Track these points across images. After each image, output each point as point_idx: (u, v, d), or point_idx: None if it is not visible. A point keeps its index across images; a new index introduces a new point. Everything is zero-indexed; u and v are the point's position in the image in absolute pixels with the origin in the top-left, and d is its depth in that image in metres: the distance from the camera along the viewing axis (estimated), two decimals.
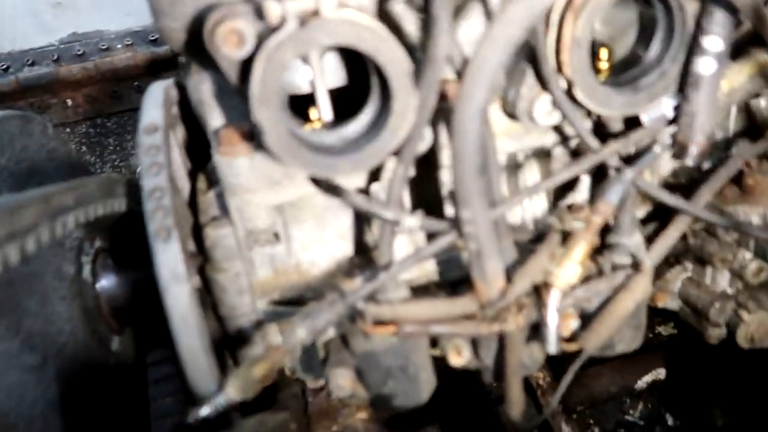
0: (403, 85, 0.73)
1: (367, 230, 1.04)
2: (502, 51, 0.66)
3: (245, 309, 1.03)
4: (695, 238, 1.01)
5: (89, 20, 1.86)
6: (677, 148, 0.80)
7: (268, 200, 0.95)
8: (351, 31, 0.68)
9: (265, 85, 0.70)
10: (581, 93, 0.78)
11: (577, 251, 0.84)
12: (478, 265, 0.80)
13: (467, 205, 0.76)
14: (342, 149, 0.79)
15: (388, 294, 0.88)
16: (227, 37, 0.71)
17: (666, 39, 0.80)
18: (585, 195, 1.08)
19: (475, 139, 0.72)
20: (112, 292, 1.16)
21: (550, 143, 0.99)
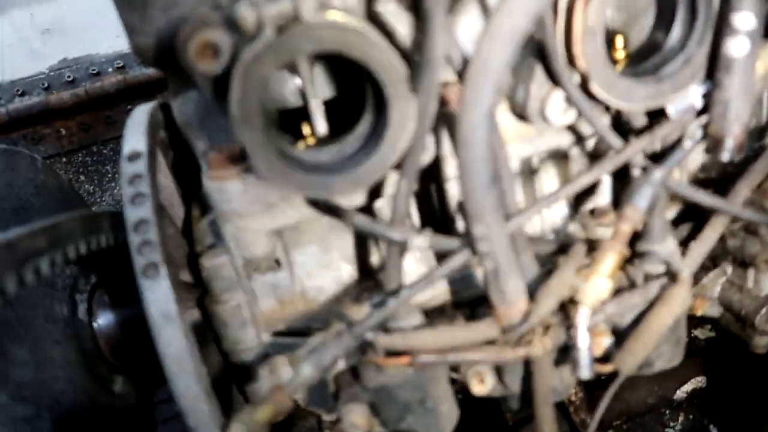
0: (398, 92, 0.65)
1: (375, 249, 0.97)
2: (507, 46, 0.59)
3: (249, 342, 0.96)
4: (734, 238, 0.92)
5: (79, 44, 1.82)
6: (710, 141, 0.72)
7: (265, 225, 0.88)
8: (336, 36, 0.61)
9: (246, 101, 0.63)
10: (599, 87, 0.70)
11: (605, 264, 0.76)
12: (496, 285, 0.72)
13: (480, 221, 0.68)
14: (338, 167, 0.72)
15: (399, 322, 0.81)
16: (201, 50, 0.64)
17: (689, 20, 0.72)
18: (607, 197, 1.00)
19: (483, 148, 0.64)
20: (111, 330, 1.10)
21: (566, 144, 0.91)
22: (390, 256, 0.79)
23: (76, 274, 1.06)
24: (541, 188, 0.95)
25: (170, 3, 0.70)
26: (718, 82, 0.69)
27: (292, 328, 0.97)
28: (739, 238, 0.92)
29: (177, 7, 0.70)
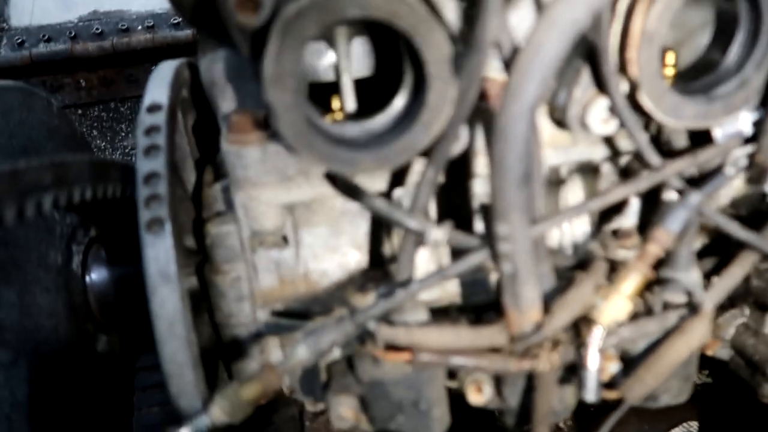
0: (441, 72, 0.62)
1: (386, 240, 0.93)
2: (563, 37, 0.56)
3: (244, 318, 0.93)
4: (759, 279, 0.88)
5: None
6: (755, 171, 0.69)
7: (278, 198, 0.85)
8: (385, 3, 0.58)
9: (281, 60, 0.60)
10: (648, 98, 0.67)
11: (628, 284, 0.72)
12: (512, 290, 0.69)
13: (505, 220, 0.65)
14: (365, 143, 0.69)
15: (404, 315, 0.77)
16: (242, 1, 0.61)
17: (750, 42, 0.69)
18: (633, 219, 0.97)
19: (520, 143, 0.61)
20: (103, 287, 1.07)
21: (598, 157, 0.87)
22: (404, 246, 0.76)
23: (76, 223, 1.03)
24: (566, 201, 0.92)
25: None
26: None
27: (289, 309, 0.94)
28: (764, 280, 0.88)
29: None
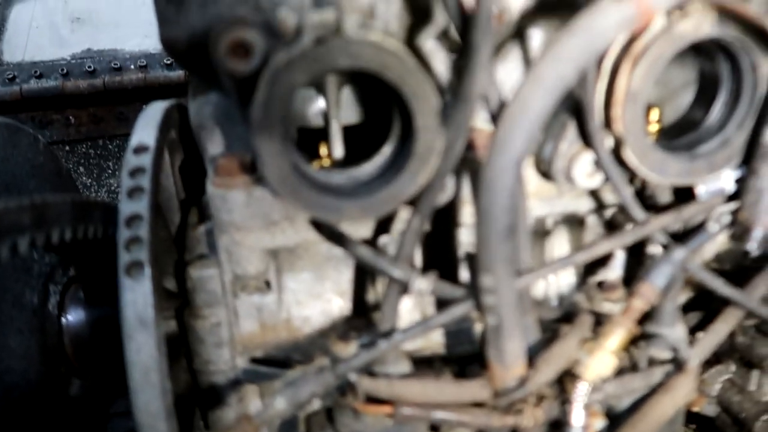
0: (428, 123, 0.63)
1: (370, 288, 0.92)
2: (549, 93, 0.57)
3: (222, 365, 0.90)
4: (744, 336, 0.88)
5: (106, 38, 1.81)
6: (738, 228, 0.69)
7: (262, 243, 0.84)
8: (375, 55, 0.59)
9: (270, 107, 0.60)
10: (632, 154, 0.68)
11: (613, 339, 0.72)
12: (496, 343, 0.68)
13: (490, 271, 0.65)
14: (351, 191, 0.68)
15: (386, 367, 0.76)
16: (234, 48, 0.62)
17: (731, 102, 0.70)
18: (618, 272, 0.97)
19: (506, 195, 0.61)
20: (79, 329, 1.04)
21: (584, 210, 0.88)
22: (388, 296, 0.75)
23: (54, 263, 1.01)
24: (551, 252, 0.92)
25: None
26: (754, 170, 0.67)
27: (269, 357, 0.92)
28: (749, 337, 0.88)
29: (215, 4, 0.68)
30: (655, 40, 0.62)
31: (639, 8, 0.55)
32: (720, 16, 0.62)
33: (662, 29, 0.61)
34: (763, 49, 0.65)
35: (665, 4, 0.56)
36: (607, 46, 0.56)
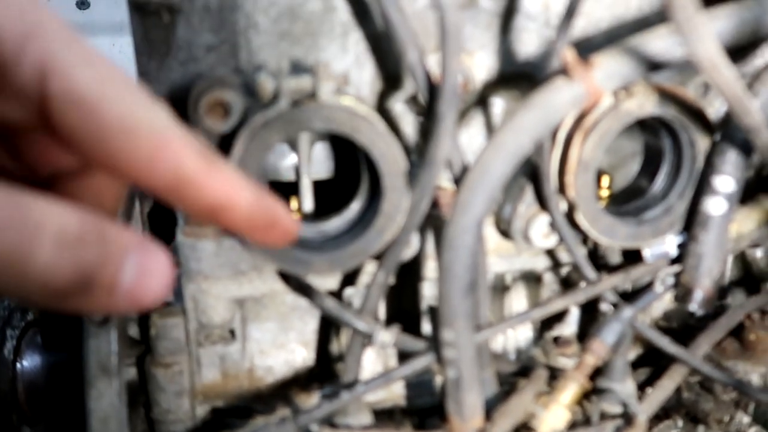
0: (396, 184, 0.66)
1: (334, 339, 0.94)
2: (508, 160, 0.61)
3: (182, 414, 0.89)
4: (689, 392, 0.92)
5: None
6: (681, 290, 0.74)
7: (229, 292, 0.85)
8: (348, 119, 0.63)
9: (245, 164, 0.63)
10: (584, 219, 0.73)
11: (566, 394, 0.75)
12: (456, 396, 0.70)
13: (450, 326, 0.67)
14: (319, 246, 0.71)
15: (347, 418, 0.77)
16: (212, 107, 0.65)
17: (673, 174, 0.77)
18: (573, 328, 1.01)
19: (467, 254, 0.65)
20: (34, 375, 1.01)
21: (540, 267, 0.92)
22: (352, 347, 0.76)
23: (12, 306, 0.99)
24: (510, 307, 0.95)
25: (191, 58, 0.72)
26: (694, 236, 0.73)
27: (231, 406, 0.92)
28: (694, 393, 0.92)
29: (196, 63, 0.72)
30: (604, 116, 0.67)
31: (588, 88, 0.61)
32: (661, 97, 0.68)
33: (610, 107, 0.67)
34: (700, 128, 0.71)
35: (612, 85, 0.62)
36: (561, 120, 0.62)
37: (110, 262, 0.33)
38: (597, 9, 0.74)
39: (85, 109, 0.32)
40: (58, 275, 0.31)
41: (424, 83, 0.64)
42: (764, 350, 0.89)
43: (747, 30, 0.61)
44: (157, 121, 0.34)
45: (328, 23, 0.69)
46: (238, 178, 0.38)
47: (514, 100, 0.84)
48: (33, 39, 0.32)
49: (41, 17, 0.33)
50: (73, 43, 0.33)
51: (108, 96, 0.32)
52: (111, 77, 0.33)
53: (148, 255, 0.34)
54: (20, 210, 0.31)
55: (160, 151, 0.33)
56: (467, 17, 0.74)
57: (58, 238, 0.31)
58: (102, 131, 0.32)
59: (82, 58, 0.33)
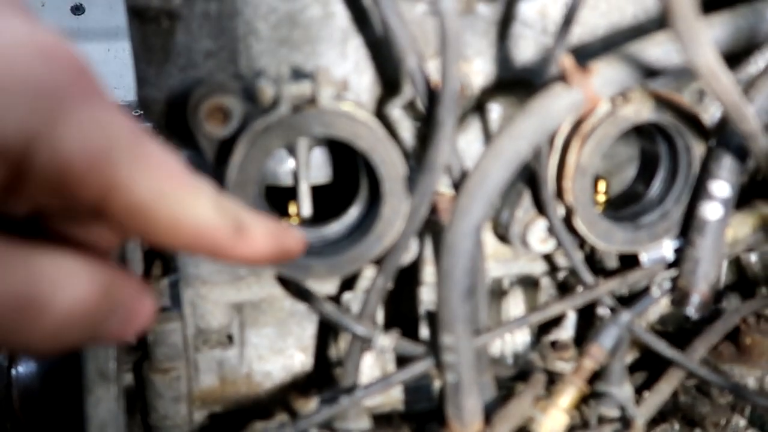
0: (395, 189, 0.67)
1: (333, 344, 0.94)
2: (507, 165, 0.62)
3: (180, 420, 0.89)
4: (686, 396, 0.93)
5: None
6: (677, 294, 0.75)
7: (227, 297, 0.85)
8: (347, 125, 0.63)
9: (245, 169, 0.63)
10: (581, 224, 0.73)
11: (565, 397, 0.75)
12: (455, 400, 0.70)
13: (450, 331, 0.68)
14: (319, 250, 0.71)
15: (347, 423, 0.77)
16: (212, 113, 0.65)
17: (669, 179, 0.77)
18: (570, 332, 1.01)
19: (466, 258, 0.65)
20: (29, 381, 1.01)
21: (538, 272, 0.93)
22: (350, 352, 0.77)
23: None
24: (507, 311, 0.96)
25: (190, 64, 0.72)
26: (690, 240, 0.73)
27: (228, 411, 0.91)
28: (691, 396, 0.93)
29: (196, 69, 0.72)
30: (601, 122, 0.68)
31: (586, 94, 0.61)
32: (657, 103, 0.69)
33: (607, 113, 0.68)
34: (696, 133, 0.72)
35: (610, 92, 0.63)
36: (558, 126, 0.62)
37: (113, 325, 0.37)
38: (593, 16, 0.75)
39: (143, 218, 0.36)
40: (65, 342, 0.35)
41: (423, 89, 0.65)
42: (760, 354, 0.89)
43: (742, 37, 0.62)
44: (203, 212, 0.38)
45: (328, 29, 0.70)
46: (265, 235, 0.43)
47: (511, 106, 0.85)
48: (100, 161, 0.34)
49: (109, 132, 0.34)
50: (137, 150, 0.35)
51: (164, 203, 0.36)
52: (169, 179, 0.36)
53: (140, 302, 0.39)
54: (31, 276, 0.33)
55: (202, 238, 0.38)
56: (465, 24, 0.75)
57: (68, 309, 0.34)
58: (155, 231, 0.36)
59: (145, 167, 0.35)
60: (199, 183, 0.39)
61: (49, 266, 0.35)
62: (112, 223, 0.36)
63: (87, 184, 0.33)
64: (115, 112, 0.35)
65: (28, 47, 0.33)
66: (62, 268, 0.35)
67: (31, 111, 0.31)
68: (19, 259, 0.34)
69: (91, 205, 0.34)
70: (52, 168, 0.32)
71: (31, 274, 0.34)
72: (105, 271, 0.37)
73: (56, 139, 0.32)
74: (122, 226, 0.36)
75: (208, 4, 0.69)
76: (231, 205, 0.42)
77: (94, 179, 0.33)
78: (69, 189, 0.33)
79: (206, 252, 0.39)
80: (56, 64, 0.34)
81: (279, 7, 0.69)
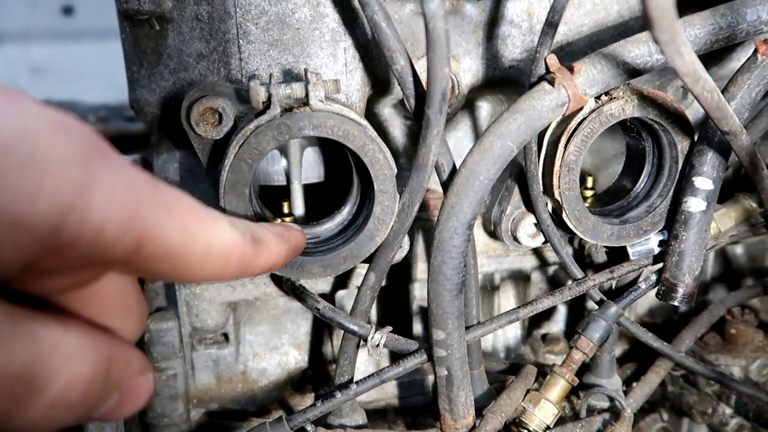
0: (386, 188, 0.68)
1: (327, 341, 0.95)
2: (495, 163, 0.63)
3: (177, 418, 0.90)
4: (674, 386, 0.95)
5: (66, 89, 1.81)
6: (663, 287, 0.76)
7: (222, 296, 0.86)
8: (339, 125, 0.64)
9: (238, 169, 0.64)
10: (570, 219, 0.74)
11: (555, 390, 0.76)
12: (447, 394, 0.72)
13: (441, 326, 0.69)
14: (312, 249, 0.72)
15: (342, 418, 0.78)
16: (205, 115, 0.66)
17: (655, 174, 0.79)
18: (561, 326, 1.03)
19: (457, 255, 0.66)
20: None
21: (528, 267, 0.94)
22: (344, 348, 0.78)
23: None
24: (499, 306, 0.97)
25: (182, 66, 0.73)
26: (675, 234, 0.75)
27: (225, 409, 0.93)
28: (678, 386, 0.95)
29: (188, 72, 0.73)
30: (587, 119, 0.69)
31: (572, 94, 0.62)
32: (642, 100, 0.70)
33: (592, 110, 0.69)
34: (680, 129, 0.74)
35: (594, 91, 0.64)
36: (545, 124, 0.63)
37: (109, 405, 0.38)
38: (578, 15, 0.76)
39: (177, 258, 0.37)
40: (56, 425, 0.35)
41: (413, 89, 0.66)
42: (745, 344, 0.91)
43: (722, 36, 0.63)
44: (226, 235, 0.41)
45: (318, 31, 0.71)
46: (276, 239, 0.47)
47: (499, 104, 0.86)
48: (131, 219, 0.35)
49: (133, 189, 0.35)
50: (158, 199, 0.37)
51: (194, 239, 0.38)
52: (191, 215, 0.38)
53: (140, 381, 0.40)
54: (33, 352, 0.33)
55: (231, 258, 0.41)
56: (453, 24, 0.76)
57: (67, 389, 0.34)
58: (188, 267, 0.38)
59: (169, 212, 0.37)
60: (212, 211, 0.40)
61: (52, 340, 0.34)
62: (143, 273, 0.37)
63: (121, 243, 0.34)
64: (133, 169, 0.36)
65: (47, 123, 0.33)
66: (65, 342, 0.35)
67: (64, 182, 0.32)
68: (21, 331, 0.33)
69: (124, 261, 0.35)
70: (87, 234, 0.32)
71: (34, 350, 0.33)
72: (107, 345, 0.37)
73: (88, 205, 0.32)
74: (153, 273, 0.37)
75: (199, 7, 0.70)
76: (242, 222, 0.44)
77: (128, 237, 0.34)
78: (102, 251, 0.34)
79: (234, 271, 0.41)
80: (75, 134, 0.34)
81: (269, 9, 0.69)
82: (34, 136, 0.32)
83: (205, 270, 0.39)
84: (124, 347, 0.39)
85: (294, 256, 0.55)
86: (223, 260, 0.40)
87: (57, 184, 0.31)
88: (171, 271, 0.37)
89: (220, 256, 0.40)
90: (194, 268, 0.38)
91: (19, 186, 0.30)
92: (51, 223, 0.31)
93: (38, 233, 0.31)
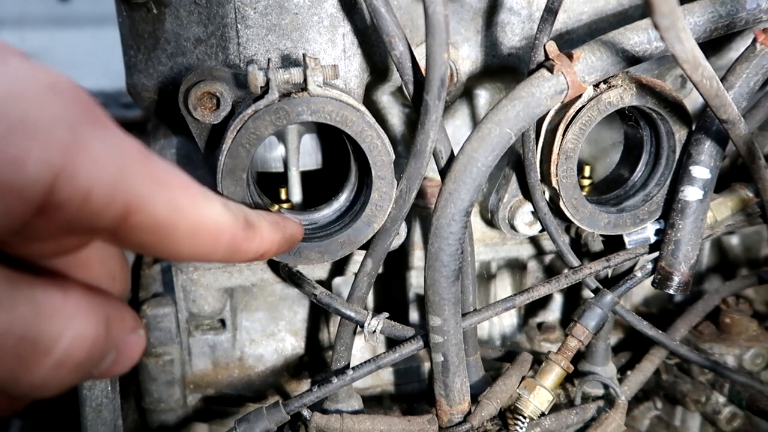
0: (384, 174, 0.68)
1: (324, 327, 0.95)
2: (493, 150, 0.63)
3: (173, 403, 0.91)
4: (668, 374, 0.96)
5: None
6: (659, 276, 0.77)
7: (219, 282, 0.87)
8: (337, 110, 0.64)
9: (236, 154, 0.64)
10: (567, 207, 0.75)
11: (550, 377, 0.77)
12: (443, 380, 0.72)
13: (438, 313, 0.69)
14: (309, 235, 0.72)
15: (338, 404, 0.78)
16: (203, 99, 0.66)
17: (652, 163, 0.79)
18: (557, 314, 1.03)
19: (454, 242, 0.67)
20: None
21: (525, 255, 0.95)
22: (341, 335, 0.78)
23: None
24: (495, 294, 0.98)
25: (180, 50, 0.72)
26: (672, 223, 0.75)
27: (221, 395, 0.93)
28: (672, 375, 0.95)
29: (185, 56, 0.72)
30: (585, 107, 0.69)
31: (570, 81, 0.62)
32: (640, 88, 0.70)
33: (591, 98, 0.69)
34: (678, 118, 0.74)
35: (593, 78, 0.64)
36: (543, 112, 0.63)
37: (108, 362, 0.39)
38: (577, 3, 0.76)
39: (164, 232, 0.37)
40: (61, 385, 0.36)
41: (411, 75, 0.65)
42: (739, 333, 0.92)
43: (722, 24, 0.63)
44: (217, 215, 0.40)
45: (316, 16, 0.70)
46: (271, 227, 0.47)
47: (498, 92, 0.86)
48: (118, 186, 0.35)
49: (123, 157, 0.35)
50: (149, 170, 0.37)
51: (182, 213, 0.38)
52: (182, 190, 0.38)
53: (135, 338, 0.40)
54: (36, 315, 0.34)
55: (220, 237, 0.40)
56: (452, 11, 0.76)
57: (71, 350, 0.35)
58: (175, 243, 0.38)
59: (159, 184, 0.37)
60: (206, 190, 0.40)
61: (53, 302, 0.34)
62: (130, 244, 0.37)
63: (108, 209, 0.34)
64: (124, 136, 0.36)
65: (36, 84, 0.33)
66: (66, 304, 0.35)
67: (52, 146, 0.31)
68: (22, 294, 0.33)
69: (111, 229, 0.35)
70: (75, 199, 0.32)
71: (36, 312, 0.33)
72: (105, 306, 0.37)
73: (76, 170, 0.32)
74: (140, 245, 0.37)
75: None
76: (236, 205, 0.43)
77: (114, 204, 0.34)
78: (90, 217, 0.33)
79: (224, 253, 0.41)
80: (65, 97, 0.34)
81: None
82: (23, 98, 0.32)
83: (193, 247, 0.39)
84: (118, 306, 0.40)
85: (289, 247, 0.55)
86: (212, 239, 0.39)
87: (45, 148, 0.31)
88: (158, 244, 0.37)
89: (209, 235, 0.39)
90: (182, 244, 0.38)
91: (7, 150, 0.30)
92: (39, 187, 0.31)
93: (26, 197, 0.31)
